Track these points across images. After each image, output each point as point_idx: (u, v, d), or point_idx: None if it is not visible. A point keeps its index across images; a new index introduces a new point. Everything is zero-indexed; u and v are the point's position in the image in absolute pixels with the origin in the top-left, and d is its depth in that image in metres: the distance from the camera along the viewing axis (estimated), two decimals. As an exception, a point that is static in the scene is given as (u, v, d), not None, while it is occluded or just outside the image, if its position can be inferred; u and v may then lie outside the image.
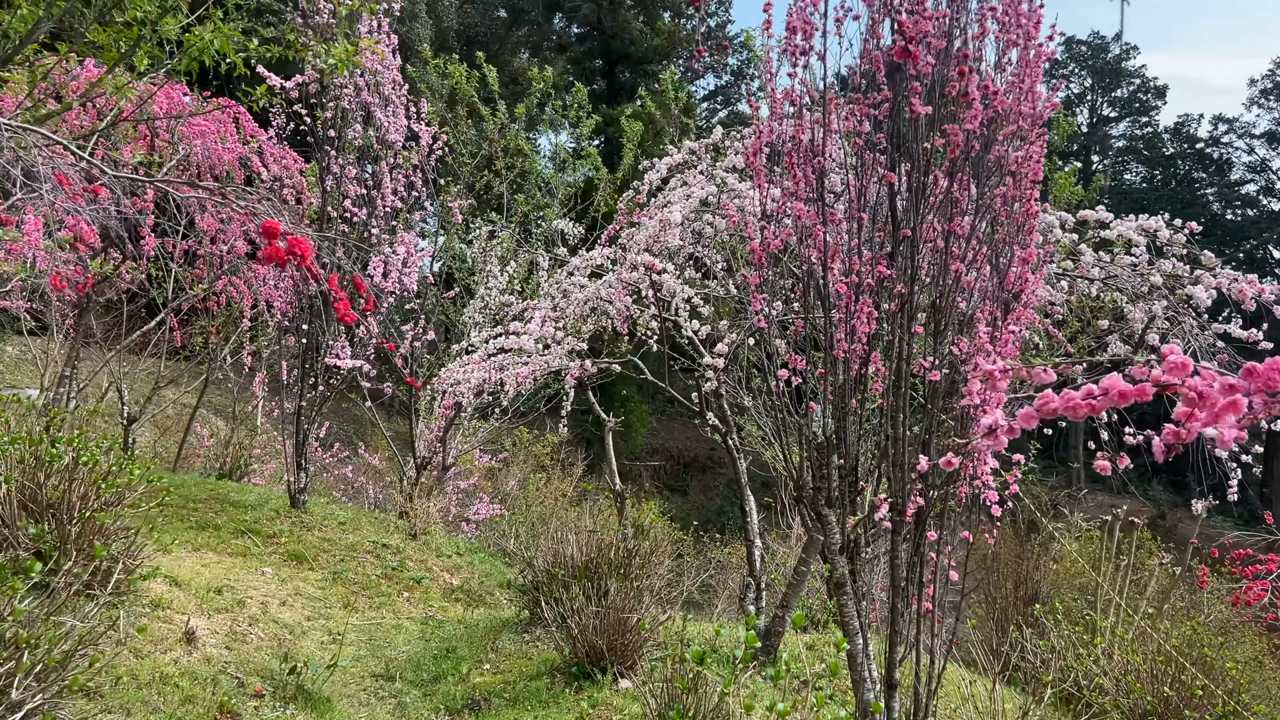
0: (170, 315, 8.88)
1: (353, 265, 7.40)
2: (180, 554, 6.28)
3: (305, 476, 7.54)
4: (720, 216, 4.92)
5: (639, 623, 4.68)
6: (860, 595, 3.67)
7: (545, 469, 16.73)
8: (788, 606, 5.34)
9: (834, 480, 3.63)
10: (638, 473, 33.29)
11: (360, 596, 6.51)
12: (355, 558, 7.10)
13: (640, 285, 4.65)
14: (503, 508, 12.45)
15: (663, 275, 4.65)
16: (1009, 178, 3.53)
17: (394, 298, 7.46)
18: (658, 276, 4.66)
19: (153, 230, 7.03)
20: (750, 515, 5.44)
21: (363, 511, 8.55)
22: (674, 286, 4.72)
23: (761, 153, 3.64)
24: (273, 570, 6.41)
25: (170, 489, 7.51)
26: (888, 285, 3.51)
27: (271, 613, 5.56)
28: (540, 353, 5.04)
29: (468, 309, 7.58)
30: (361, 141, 7.54)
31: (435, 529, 8.60)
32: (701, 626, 6.57)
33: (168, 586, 5.23)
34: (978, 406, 3.34)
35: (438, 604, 6.83)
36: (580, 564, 5.70)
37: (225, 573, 6.05)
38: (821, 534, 5.54)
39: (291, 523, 7.30)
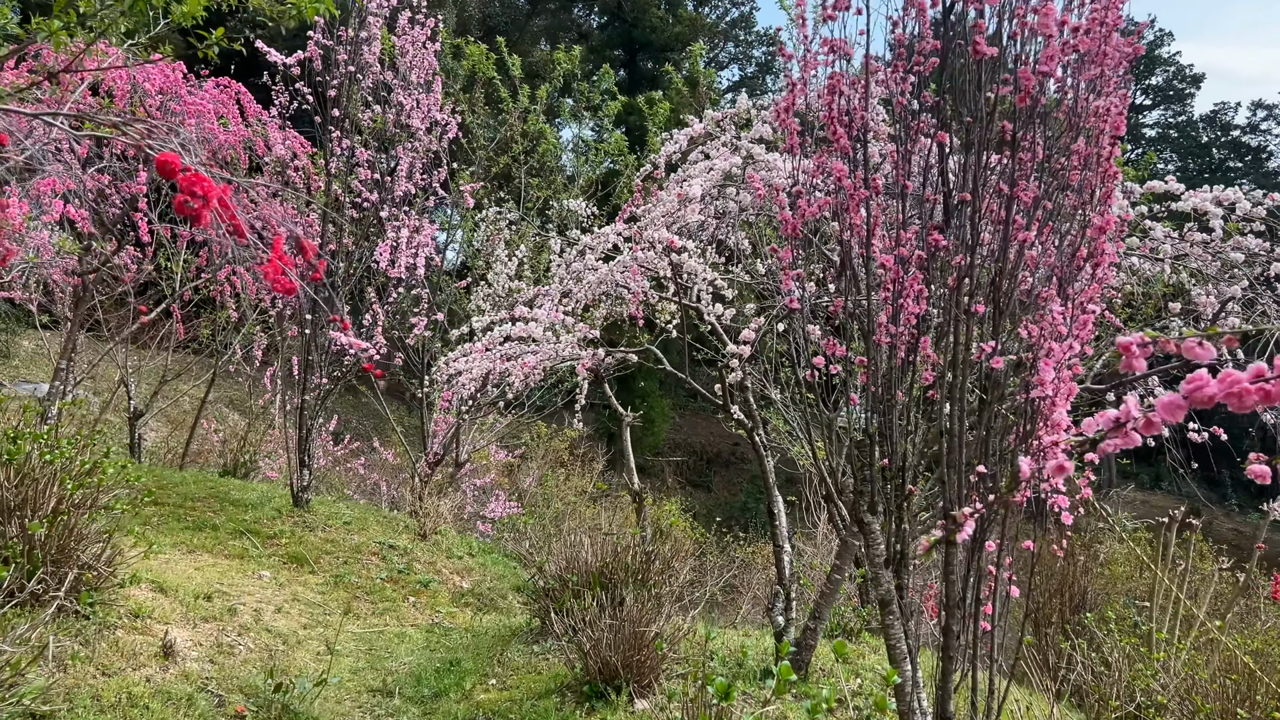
0: (174, 306, 8.56)
1: (360, 249, 7.03)
2: (173, 556, 5.94)
3: (309, 474, 7.19)
4: (746, 191, 4.48)
5: (656, 638, 4.25)
6: (909, 614, 3.22)
7: (564, 465, 16.37)
8: (820, 618, 4.90)
9: (877, 483, 3.18)
10: (660, 468, 32.95)
11: (363, 602, 6.14)
12: (359, 560, 6.73)
13: (657, 267, 4.22)
14: (520, 506, 12.08)
15: (682, 254, 4.22)
16: (1081, 136, 3.06)
17: (402, 285, 7.07)
18: (677, 256, 4.23)
19: (145, 213, 6.69)
20: (778, 518, 5.00)
21: (370, 510, 8.20)
22: (694, 267, 4.29)
23: (794, 109, 3.19)
24: (271, 574, 6.05)
25: (166, 487, 7.21)
26: (942, 257, 3.05)
27: (265, 621, 5.20)
28: (550, 341, 4.63)
29: (474, 296, 7.18)
30: (376, 124, 7.15)
31: (446, 529, 8.22)
32: (726, 635, 6.14)
33: (152, 593, 4.87)
34: (1049, 399, 2.88)
35: (445, 609, 6.45)
36: (594, 570, 5.29)
37: (219, 577, 5.70)
38: (859, 540, 5.10)
39: (293, 523, 6.94)
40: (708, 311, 4.16)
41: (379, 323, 7.07)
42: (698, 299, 4.37)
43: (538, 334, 4.63)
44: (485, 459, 11.76)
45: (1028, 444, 3.04)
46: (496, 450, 11.61)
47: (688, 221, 4.45)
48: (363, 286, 7.35)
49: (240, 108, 7.72)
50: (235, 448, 8.95)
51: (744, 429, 4.79)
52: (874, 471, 3.16)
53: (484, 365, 4.52)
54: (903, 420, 3.16)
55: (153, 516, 6.52)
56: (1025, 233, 2.90)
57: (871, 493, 3.17)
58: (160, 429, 15.46)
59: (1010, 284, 3.07)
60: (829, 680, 5.07)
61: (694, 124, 4.86)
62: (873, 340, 3.12)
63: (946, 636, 3.10)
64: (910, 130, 3.19)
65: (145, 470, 7.65)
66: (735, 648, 5.62)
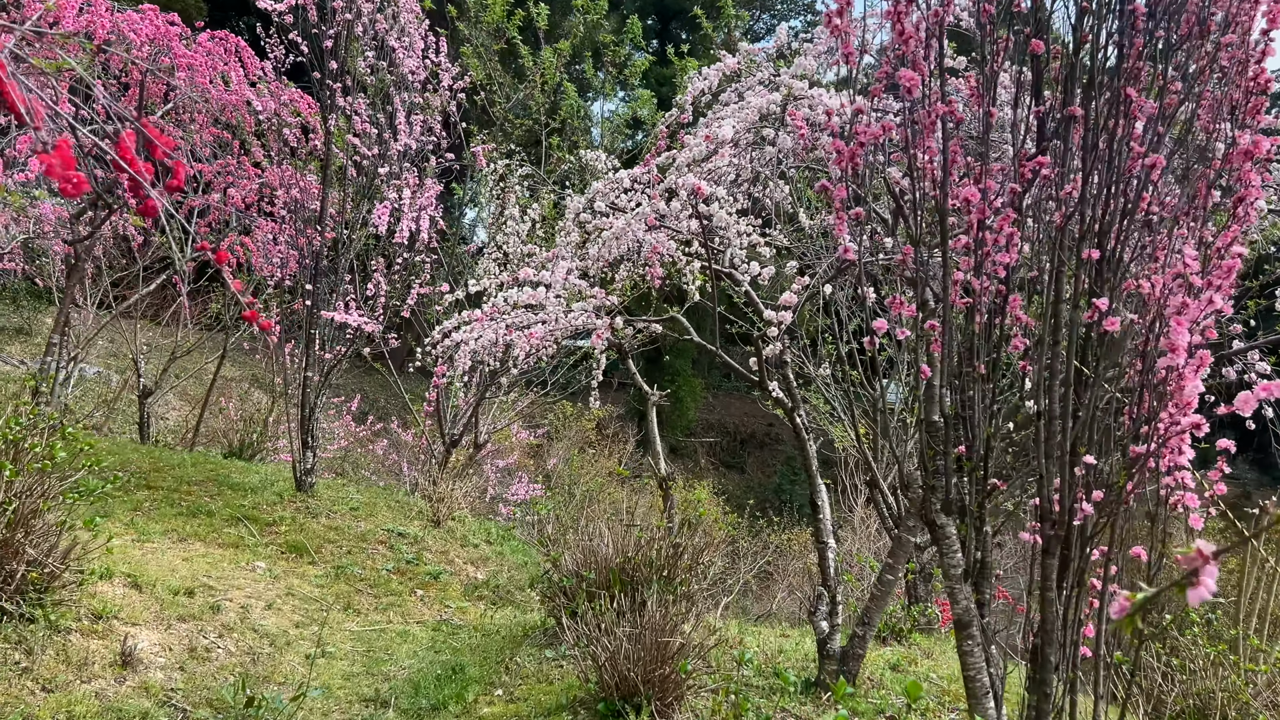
0: (179, 279, 8.12)
1: (359, 213, 6.49)
2: (161, 545, 5.48)
3: (312, 456, 6.71)
4: (786, 133, 3.84)
5: (682, 651, 3.68)
6: (990, 636, 2.61)
7: (591, 445, 15.85)
8: (869, 623, 4.30)
9: (953, 476, 2.56)
10: (692, 449, 32.40)
11: (365, 596, 5.65)
12: (365, 549, 6.24)
13: (681, 221, 3.61)
14: (544, 488, 11.58)
15: (711, 204, 3.60)
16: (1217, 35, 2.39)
17: (406, 252, 6.53)
18: (705, 207, 3.61)
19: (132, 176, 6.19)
20: (822, 510, 4.39)
21: (382, 494, 7.73)
22: (726, 220, 3.67)
23: (848, 11, 2.55)
24: (265, 565, 5.58)
25: (162, 469, 6.77)
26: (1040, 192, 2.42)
27: (252, 619, 4.71)
28: (561, 307, 4.05)
29: (481, 261, 6.62)
30: (374, 77, 6.59)
31: (463, 514, 7.72)
32: (761, 635, 5.57)
33: (124, 589, 4.40)
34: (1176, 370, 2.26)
35: (456, 604, 5.94)
36: (614, 566, 4.74)
37: (208, 568, 5.23)
38: (914, 536, 4.48)
39: (295, 508, 6.47)
40: (742, 273, 3.55)
41: (381, 293, 6.54)
42: (731, 263, 3.75)
43: (548, 301, 4.05)
44: (507, 439, 11.26)
45: (1146, 428, 2.41)
46: (520, 430, 11.10)
47: (718, 169, 3.83)
48: (367, 255, 6.83)
49: (242, 64, 7.20)
50: (242, 427, 8.52)
51: (783, 409, 4.19)
52: (950, 462, 2.55)
53: (487, 335, 3.95)
54: (986, 399, 2.54)
55: (144, 501, 6.09)
56: (1153, 155, 2.25)
57: (946, 488, 2.55)
58: (181, 408, 15.20)
59: (1125, 225, 2.42)
60: (879, 693, 4.48)
61: (726, 59, 4.23)
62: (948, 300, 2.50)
63: (1040, 666, 2.48)
64: (995, 49, 2.55)
65: (144, 451, 7.23)
66: (771, 651, 5.05)
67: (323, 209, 6.52)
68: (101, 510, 5.82)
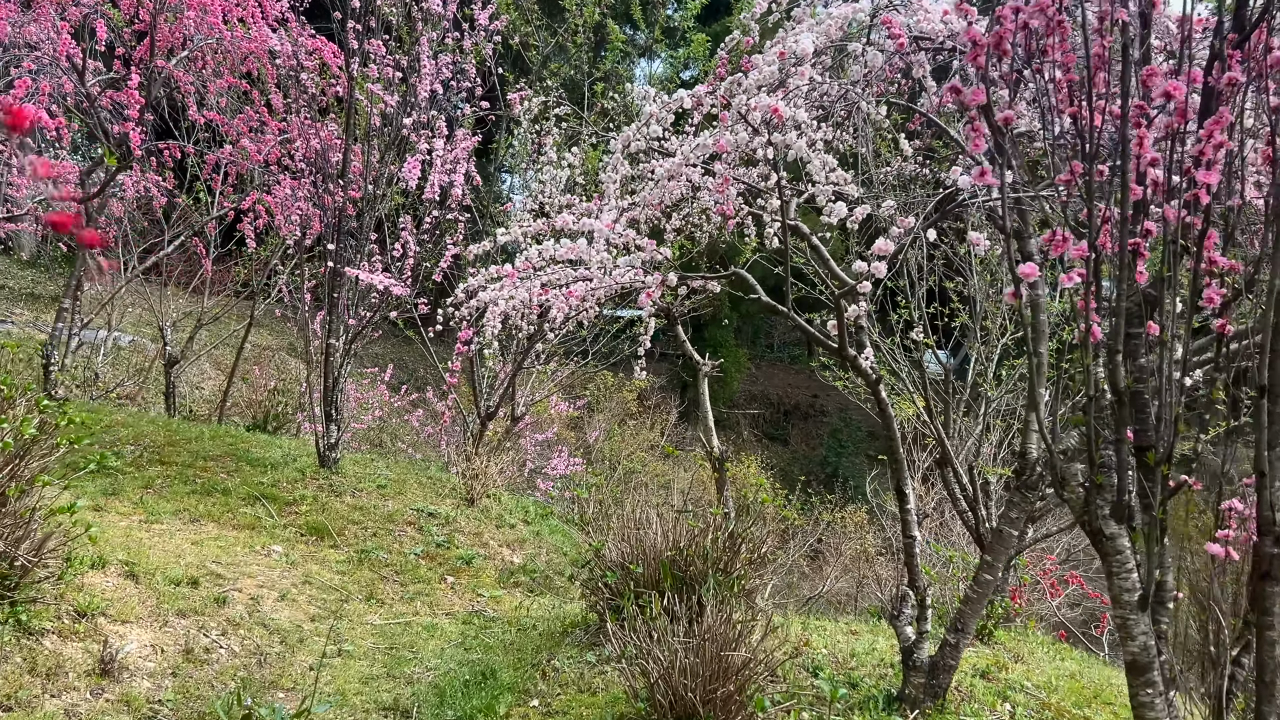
0: (197, 239, 7.67)
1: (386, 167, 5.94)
2: (172, 526, 5.05)
3: (336, 430, 6.23)
4: (877, 48, 3.17)
5: (748, 673, 3.11)
6: (1171, 679, 1.99)
7: (633, 417, 15.32)
8: (962, 630, 3.68)
9: (1128, 473, 1.93)
10: (735, 421, 31.78)
11: (390, 583, 5.17)
12: (392, 531, 5.76)
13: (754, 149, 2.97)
14: (584, 462, 11.07)
15: (788, 134, 2.96)
16: None
17: (436, 208, 5.97)
18: (779, 136, 2.97)
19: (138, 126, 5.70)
20: (909, 500, 3.77)
21: (412, 470, 7.25)
22: (805, 152, 3.03)
23: None
24: (283, 549, 5.12)
25: (177, 443, 6.34)
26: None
27: (263, 612, 4.24)
28: (604, 262, 3.45)
29: (513, 215, 6.05)
30: (399, 14, 6.00)
31: (498, 492, 7.22)
32: (827, 632, 4.99)
33: (119, 579, 3.95)
34: None
35: (489, 592, 5.44)
36: (664, 558, 4.17)
37: (219, 553, 4.78)
38: (1017, 530, 3.85)
39: (317, 486, 6.01)
40: (829, 211, 2.91)
41: (410, 255, 6.00)
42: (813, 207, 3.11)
43: (590, 256, 3.45)
44: (546, 412, 10.74)
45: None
46: (559, 402, 10.58)
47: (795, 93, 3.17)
48: (396, 214, 6.28)
49: (261, 7, 6.65)
50: (266, 398, 8.09)
51: (868, 381, 3.56)
52: (1124, 454, 1.91)
53: (519, 295, 3.37)
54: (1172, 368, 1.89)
55: (156, 478, 5.67)
56: None
57: (1120, 487, 1.91)
58: (216, 377, 14.94)
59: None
60: (971, 707, 3.87)
61: (799, -34, 3.56)
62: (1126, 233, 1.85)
63: None
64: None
65: (160, 424, 6.82)
66: (842, 654, 4.46)
67: (345, 162, 5.97)
68: (110, 488, 5.42)
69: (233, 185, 8.13)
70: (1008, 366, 8.08)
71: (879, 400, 3.59)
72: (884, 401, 3.57)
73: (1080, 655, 5.80)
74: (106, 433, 6.19)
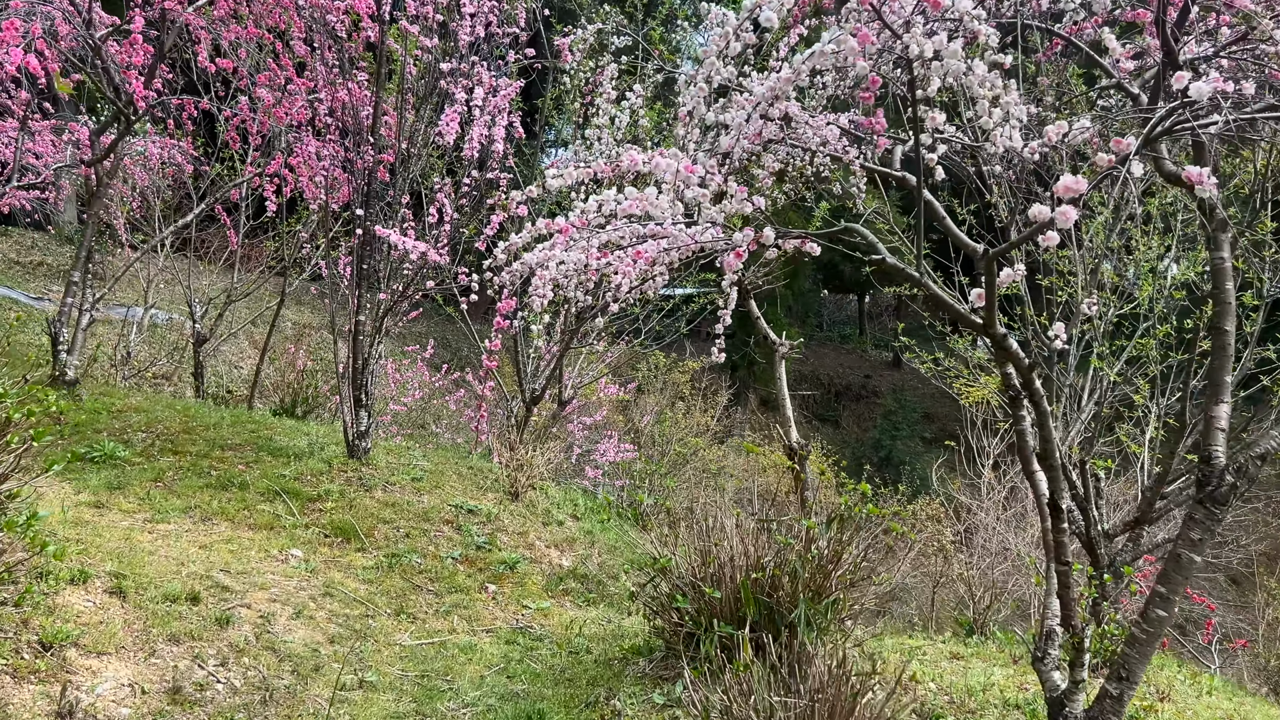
0: (219, 208, 7.09)
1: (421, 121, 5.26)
2: (180, 526, 4.47)
3: (367, 416, 5.61)
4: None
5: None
6: None
7: (683, 400, 14.59)
8: (1128, 678, 2.92)
9: None
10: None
11: (424, 593, 4.53)
12: (426, 531, 5.13)
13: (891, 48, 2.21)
14: (635, 448, 10.38)
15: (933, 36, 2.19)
16: None
17: (475, 168, 5.28)
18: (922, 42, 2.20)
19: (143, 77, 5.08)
20: (1062, 516, 3.00)
21: (451, 459, 6.62)
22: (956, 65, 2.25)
23: None
24: (303, 553, 4.51)
25: (193, 430, 5.77)
26: None
27: (275, 633, 3.63)
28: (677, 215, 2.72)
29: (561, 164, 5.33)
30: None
31: (545, 484, 6.57)
32: (927, 656, 4.25)
33: (104, 596, 3.35)
34: None
35: (536, 602, 4.78)
36: (743, 577, 3.47)
37: (230, 559, 4.18)
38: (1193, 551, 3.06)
39: (345, 480, 5.40)
40: (1000, 134, 2.14)
41: (448, 220, 5.32)
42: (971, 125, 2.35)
43: (660, 209, 2.72)
44: (594, 395, 10.06)
45: None
46: (607, 385, 9.90)
47: None
48: (431, 175, 5.61)
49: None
50: (293, 380, 7.52)
51: (1019, 368, 2.79)
52: None
53: (573, 257, 2.67)
54: None
55: (168, 470, 5.10)
56: None
57: None
58: (255, 356, 14.53)
59: None
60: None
61: None
62: None
63: None
64: None
65: (178, 408, 6.27)
66: (957, 693, 3.72)
67: (375, 117, 5.31)
68: (115, 480, 4.86)
69: (260, 151, 7.54)
70: (1113, 346, 7.18)
71: (1032, 393, 2.82)
72: (1039, 395, 2.80)
73: (1221, 684, 4.97)
74: (117, 418, 5.65)
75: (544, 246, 2.75)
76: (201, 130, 8.76)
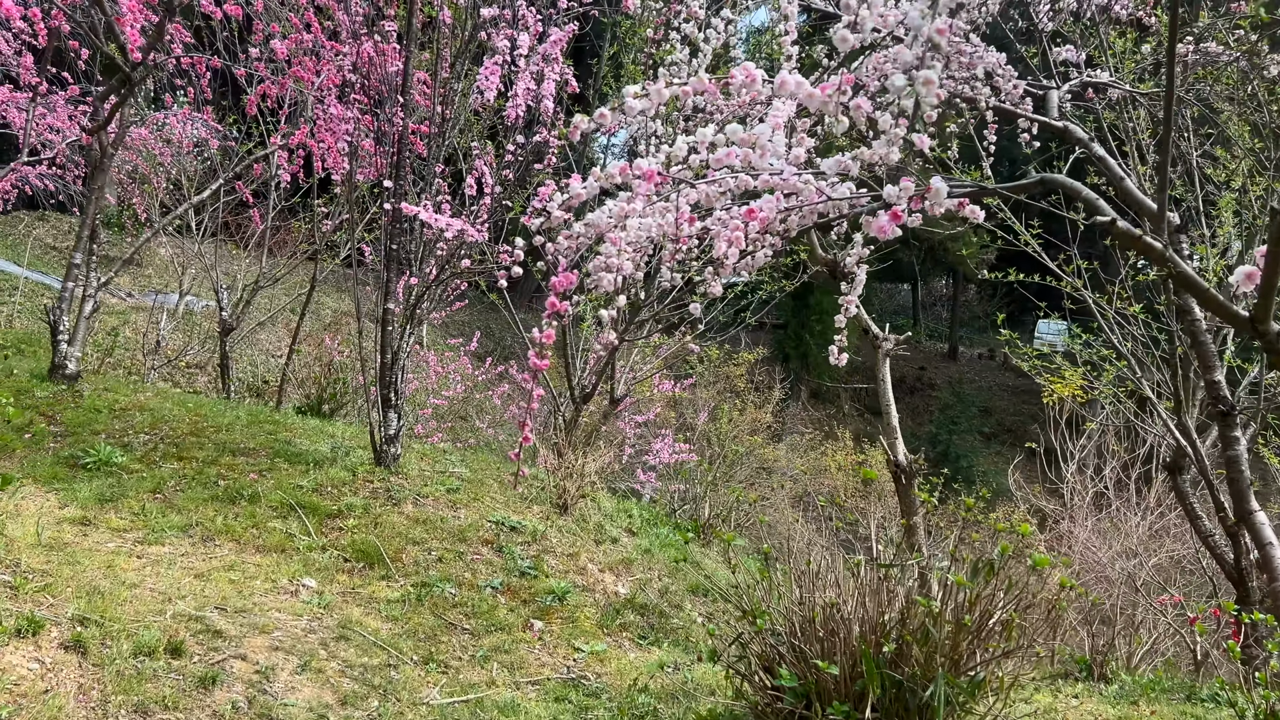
0: (242, 185, 6.45)
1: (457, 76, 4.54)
2: (176, 548, 3.81)
3: (397, 419, 4.92)
4: None
5: None
6: None
7: (739, 394, 13.77)
8: None
9: None
10: (835, 394, 29.96)
11: (457, 634, 3.81)
12: (463, 555, 4.42)
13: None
14: (691, 448, 9.59)
15: None
16: None
17: (521, 132, 4.52)
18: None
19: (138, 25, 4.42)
20: None
21: (492, 464, 5.92)
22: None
23: None
24: (317, 583, 3.83)
25: (203, 431, 5.12)
26: None
27: (274, 693, 2.93)
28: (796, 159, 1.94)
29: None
30: None
31: (596, 494, 5.83)
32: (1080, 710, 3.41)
33: (59, 651, 2.69)
34: None
35: (590, 644, 4.04)
36: (858, 641, 2.68)
37: (230, 592, 3.50)
38: None
39: (370, 491, 4.71)
40: None
41: (488, 192, 4.58)
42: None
43: (776, 148, 1.93)
44: (648, 391, 9.30)
45: None
46: (662, 380, 9.13)
47: None
48: (467, 138, 4.89)
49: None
50: (320, 374, 6.87)
51: None
52: None
53: (654, 219, 1.89)
54: None
55: (169, 478, 4.45)
56: None
57: None
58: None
59: None
60: None
61: None
62: None
63: None
64: None
65: (190, 405, 5.64)
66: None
67: (406, 72, 4.58)
68: (109, 491, 4.22)
69: (289, 122, 6.89)
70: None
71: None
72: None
73: None
74: (119, 418, 5.03)
75: (609, 205, 1.97)
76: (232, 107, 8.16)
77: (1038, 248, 5.44)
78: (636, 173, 1.77)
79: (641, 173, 1.77)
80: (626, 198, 1.78)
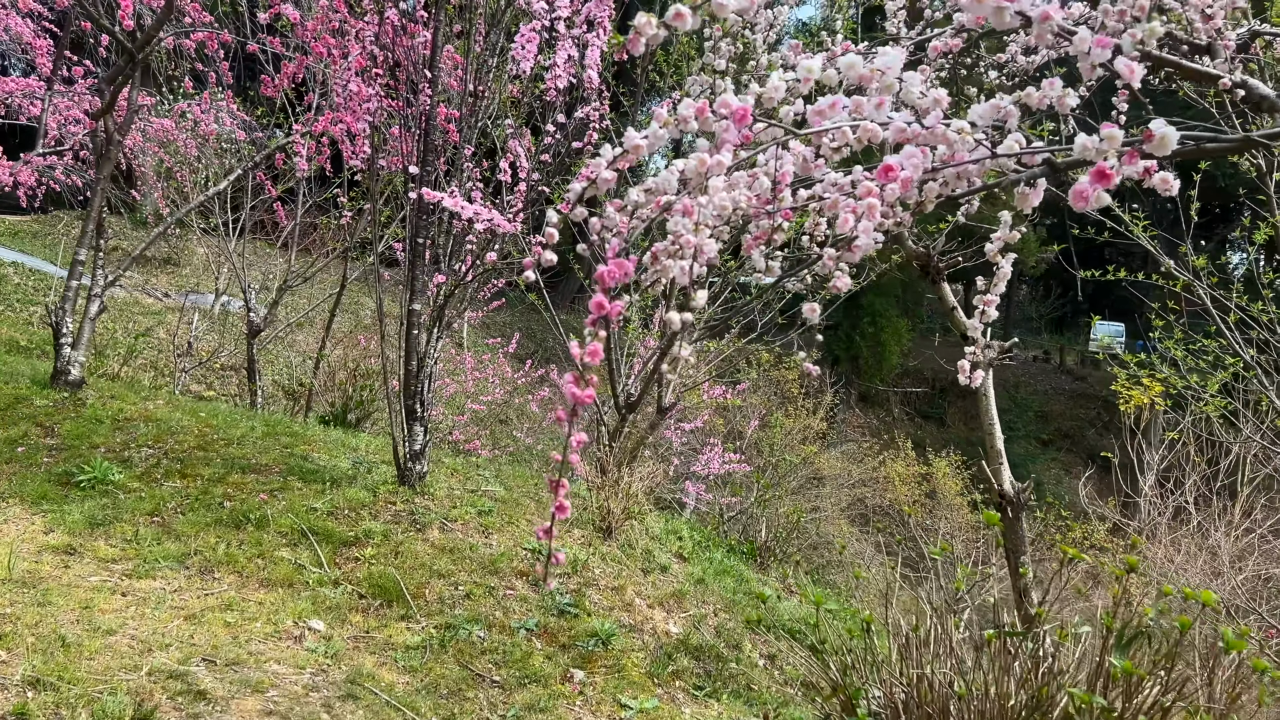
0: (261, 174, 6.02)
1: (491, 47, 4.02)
2: (168, 583, 3.34)
3: (423, 433, 4.41)
4: None
5: None
6: None
7: (789, 400, 13.12)
8: None
9: None
10: (885, 397, 29.06)
11: (485, 687, 3.28)
12: (494, 590, 3.89)
13: None
14: (743, 458, 8.98)
15: None
16: None
17: (561, 111, 3.99)
18: None
19: None
20: None
21: (529, 481, 5.39)
22: None
23: None
24: (326, 625, 3.32)
25: (211, 445, 4.65)
26: None
27: (259, 773, 2.42)
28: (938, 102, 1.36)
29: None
30: None
31: (642, 512, 5.28)
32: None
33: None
34: None
35: (639, 700, 3.47)
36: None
37: (224, 637, 3.01)
38: None
39: (393, 515, 4.20)
40: None
41: (522, 179, 4.06)
42: None
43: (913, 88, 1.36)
44: (697, 398, 8.72)
45: None
46: (712, 387, 8.55)
47: None
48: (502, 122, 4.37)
49: None
50: (344, 381, 6.41)
51: None
52: None
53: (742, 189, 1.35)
54: None
55: (170, 498, 3.99)
56: None
57: None
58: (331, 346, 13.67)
59: None
60: None
61: None
62: None
63: None
64: None
65: (202, 415, 5.19)
66: None
67: (435, 43, 4.08)
68: (102, 514, 3.76)
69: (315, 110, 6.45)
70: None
71: None
72: None
73: None
74: (122, 429, 4.60)
75: (673, 166, 1.40)
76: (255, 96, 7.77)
77: (1148, 241, 4.78)
78: (723, 111, 1.21)
79: (730, 111, 1.21)
80: (707, 148, 1.23)
